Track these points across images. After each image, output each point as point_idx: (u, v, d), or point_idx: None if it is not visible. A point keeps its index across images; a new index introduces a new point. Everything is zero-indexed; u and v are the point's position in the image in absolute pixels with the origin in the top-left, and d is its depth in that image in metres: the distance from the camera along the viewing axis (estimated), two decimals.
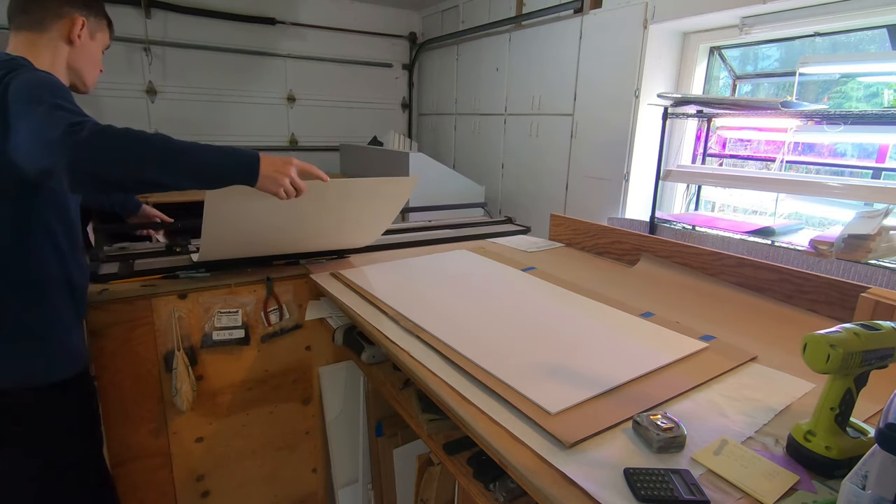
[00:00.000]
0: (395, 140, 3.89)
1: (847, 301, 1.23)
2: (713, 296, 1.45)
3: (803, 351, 0.71)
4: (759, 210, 2.38)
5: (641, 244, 1.74)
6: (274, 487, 1.70)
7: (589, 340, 1.12)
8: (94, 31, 1.13)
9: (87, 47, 1.13)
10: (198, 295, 1.40)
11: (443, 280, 1.52)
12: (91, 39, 1.13)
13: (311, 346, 1.63)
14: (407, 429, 1.50)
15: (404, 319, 1.21)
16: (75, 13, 1.08)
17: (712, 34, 2.45)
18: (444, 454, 1.11)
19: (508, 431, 0.80)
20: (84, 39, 1.11)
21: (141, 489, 1.47)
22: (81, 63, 1.13)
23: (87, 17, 1.11)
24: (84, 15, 1.10)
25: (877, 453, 0.55)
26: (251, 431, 1.61)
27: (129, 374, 1.37)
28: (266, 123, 3.95)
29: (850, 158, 2.20)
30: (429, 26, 4.41)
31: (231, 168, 1.05)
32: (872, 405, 0.86)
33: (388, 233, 2.10)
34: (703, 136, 2.57)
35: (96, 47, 1.15)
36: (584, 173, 2.87)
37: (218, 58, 3.66)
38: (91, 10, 1.12)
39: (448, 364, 1.01)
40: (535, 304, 1.34)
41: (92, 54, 1.14)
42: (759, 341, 1.15)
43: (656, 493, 0.66)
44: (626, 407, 0.85)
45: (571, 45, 2.84)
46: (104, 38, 1.18)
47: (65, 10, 1.07)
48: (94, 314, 1.29)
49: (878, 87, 2.14)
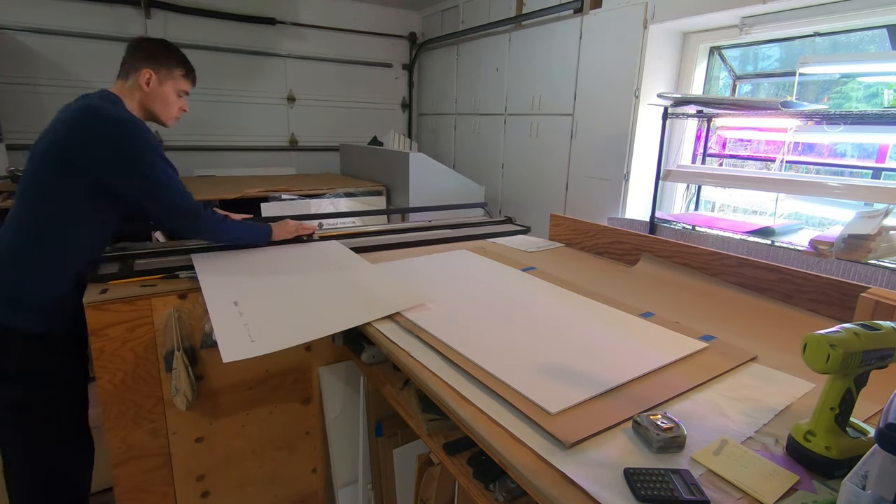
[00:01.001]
0: (395, 140, 3.89)
1: (847, 301, 1.23)
2: (713, 296, 1.45)
3: (803, 351, 0.71)
4: (759, 210, 2.38)
5: (641, 244, 1.74)
6: (274, 487, 1.70)
7: (589, 340, 1.12)
8: (163, 80, 1.48)
9: (157, 92, 1.47)
10: (198, 295, 1.40)
11: (443, 280, 1.52)
12: (160, 86, 1.47)
13: (311, 346, 1.63)
14: (407, 429, 1.50)
15: (404, 319, 1.21)
16: (145, 67, 1.44)
17: (712, 34, 2.45)
18: (444, 454, 1.11)
19: (508, 431, 0.80)
20: (153, 86, 1.46)
21: (141, 489, 1.47)
22: (153, 104, 1.48)
23: (156, 70, 1.46)
24: (153, 68, 1.45)
25: (877, 453, 0.55)
26: (251, 431, 1.61)
27: (129, 374, 1.37)
28: (266, 123, 3.95)
29: (850, 158, 2.20)
30: (429, 26, 4.41)
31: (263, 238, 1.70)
32: (872, 405, 0.86)
33: (389, 233, 2.10)
34: (703, 136, 2.57)
35: (167, 91, 1.49)
36: (584, 173, 2.87)
37: (218, 58, 3.66)
38: (159, 64, 1.46)
39: (448, 364, 1.01)
40: (535, 304, 1.34)
41: (162, 97, 1.48)
42: (759, 341, 1.15)
43: (656, 493, 0.66)
44: (626, 407, 0.85)
45: (571, 45, 2.84)
46: (176, 84, 1.51)
47: (140, 66, 1.44)
48: (94, 314, 1.29)
49: (878, 87, 2.14)
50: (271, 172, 3.87)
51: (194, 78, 1.58)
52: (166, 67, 1.48)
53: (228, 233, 1.57)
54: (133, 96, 1.45)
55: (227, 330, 1.14)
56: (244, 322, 1.18)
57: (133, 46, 1.47)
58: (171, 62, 1.49)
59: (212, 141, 3.72)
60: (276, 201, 2.81)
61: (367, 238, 1.98)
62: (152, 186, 1.37)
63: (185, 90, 1.54)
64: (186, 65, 1.54)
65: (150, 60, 1.45)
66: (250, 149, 3.92)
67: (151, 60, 1.45)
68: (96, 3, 3.22)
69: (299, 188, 2.92)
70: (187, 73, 1.54)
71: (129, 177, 1.35)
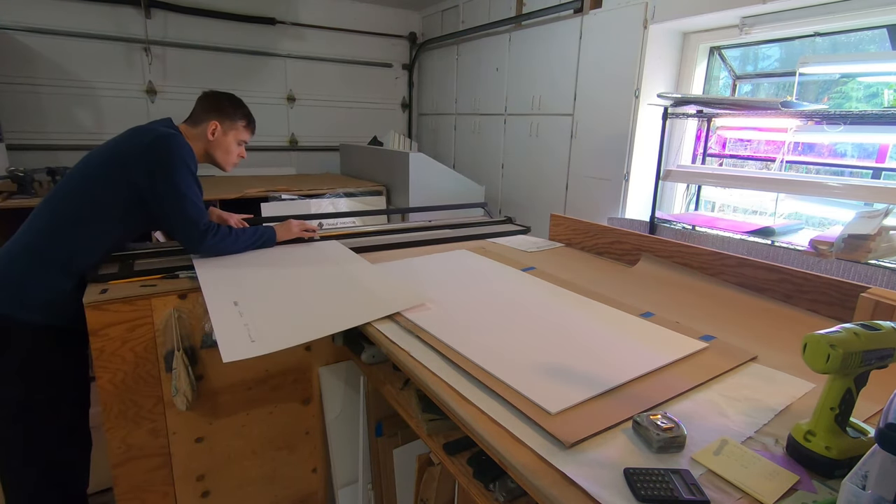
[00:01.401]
0: (395, 140, 3.89)
1: (847, 301, 1.23)
2: (713, 296, 1.45)
3: (803, 351, 0.71)
4: (759, 210, 2.38)
5: (641, 244, 1.74)
6: (274, 487, 1.70)
7: (589, 340, 1.12)
8: (227, 130, 1.62)
9: (220, 141, 1.62)
10: (198, 295, 1.40)
11: (443, 280, 1.52)
12: (224, 136, 1.62)
13: (311, 346, 1.63)
14: (407, 429, 1.50)
15: (404, 319, 1.21)
16: (213, 118, 1.59)
17: (712, 34, 2.45)
18: (444, 454, 1.11)
19: (508, 431, 0.80)
20: (218, 136, 1.60)
21: (141, 489, 1.47)
22: (215, 152, 1.63)
23: (222, 121, 1.60)
24: (219, 120, 1.60)
25: (877, 453, 0.55)
26: (251, 431, 1.61)
27: (129, 374, 1.37)
28: (266, 123, 3.94)
29: (850, 158, 2.20)
30: (429, 26, 4.41)
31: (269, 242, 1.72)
32: (872, 405, 0.86)
33: (389, 233, 2.10)
34: (703, 136, 2.57)
35: (229, 141, 1.63)
36: (584, 173, 2.87)
37: (218, 58, 3.66)
38: (225, 116, 1.61)
39: (448, 364, 1.01)
40: (535, 304, 1.34)
41: (224, 146, 1.63)
42: (759, 341, 1.15)
43: (656, 493, 0.66)
44: (626, 407, 0.85)
45: (571, 45, 2.84)
46: (237, 135, 1.65)
47: (209, 117, 1.59)
48: (94, 314, 1.29)
49: (878, 87, 2.14)
50: (271, 172, 3.87)
51: (254, 129, 1.72)
52: (231, 119, 1.62)
53: (237, 245, 1.61)
54: (197, 140, 1.58)
55: (227, 330, 1.14)
56: (244, 322, 1.18)
57: (202, 98, 1.62)
58: (235, 114, 1.63)
59: None
60: (276, 201, 2.81)
61: (367, 238, 1.98)
62: (178, 199, 1.44)
63: (245, 140, 1.69)
64: (249, 117, 1.68)
65: (218, 112, 1.60)
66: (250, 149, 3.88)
67: (219, 113, 1.60)
68: (96, 3, 3.22)
69: (299, 188, 2.92)
70: (248, 124, 1.68)
71: (161, 183, 1.42)
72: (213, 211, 1.79)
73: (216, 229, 1.53)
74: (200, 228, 1.49)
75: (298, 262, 1.62)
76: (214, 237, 1.52)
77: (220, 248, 1.56)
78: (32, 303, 1.33)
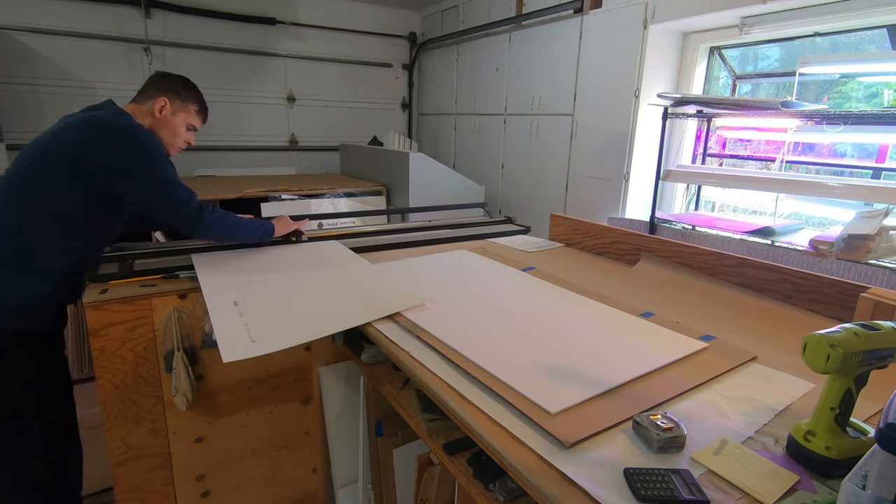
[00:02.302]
0: (395, 140, 3.89)
1: (847, 301, 1.23)
2: (713, 296, 1.45)
3: (803, 351, 0.71)
4: (759, 210, 2.37)
5: (641, 244, 1.74)
6: (274, 487, 1.70)
7: (589, 340, 1.12)
8: (176, 110, 1.53)
9: (168, 120, 1.52)
10: (198, 295, 1.40)
11: (443, 280, 1.52)
12: (172, 116, 1.52)
13: (311, 346, 1.63)
14: (407, 429, 1.50)
15: (404, 319, 1.21)
16: (163, 95, 1.50)
17: (712, 34, 2.45)
18: (444, 454, 1.11)
19: (508, 431, 0.80)
20: (166, 114, 1.51)
21: (141, 489, 1.47)
22: (161, 132, 1.52)
23: (172, 100, 1.51)
24: (169, 98, 1.51)
25: (877, 453, 0.55)
26: (251, 431, 1.61)
27: (129, 375, 1.37)
28: (266, 123, 3.95)
29: (850, 158, 2.20)
30: (429, 26, 4.41)
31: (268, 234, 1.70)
32: (872, 405, 0.86)
33: (389, 233, 2.10)
34: (703, 136, 2.57)
35: (178, 122, 1.54)
36: (584, 173, 2.87)
37: (218, 58, 3.66)
38: (176, 96, 1.53)
39: (448, 364, 1.01)
40: (535, 304, 1.34)
41: (172, 126, 1.53)
42: (759, 341, 1.15)
43: (656, 493, 0.66)
44: (626, 407, 0.85)
45: (571, 45, 2.84)
46: (188, 118, 1.56)
47: (158, 94, 1.50)
48: (94, 314, 1.29)
49: (878, 87, 2.14)
50: (271, 172, 3.88)
51: (206, 116, 1.64)
52: (182, 100, 1.54)
53: (238, 230, 1.58)
54: (143, 119, 1.49)
55: (227, 330, 1.14)
56: (244, 322, 1.18)
57: (154, 77, 1.55)
58: (187, 96, 1.55)
59: (212, 141, 3.71)
60: (276, 201, 2.81)
61: (367, 238, 1.98)
62: (162, 186, 1.40)
63: (195, 125, 1.60)
64: (202, 103, 1.60)
65: (168, 91, 1.52)
66: (250, 149, 3.92)
67: (170, 91, 1.52)
68: (96, 3, 3.22)
69: (299, 188, 2.92)
70: (200, 110, 1.60)
71: (140, 179, 1.37)
72: None
73: (212, 206, 1.49)
74: (195, 206, 1.43)
75: (298, 262, 1.62)
76: (213, 214, 1.48)
77: (222, 226, 1.52)
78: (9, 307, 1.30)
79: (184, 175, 3.63)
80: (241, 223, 1.60)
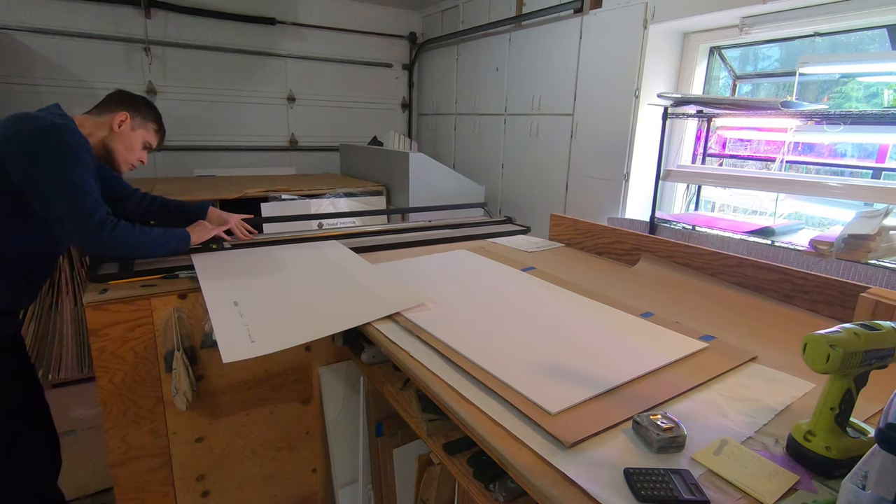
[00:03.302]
0: (395, 140, 3.89)
1: (847, 301, 1.23)
2: (713, 296, 1.45)
3: (803, 351, 0.71)
4: (759, 210, 2.37)
5: (641, 244, 1.74)
6: (274, 487, 1.70)
7: (589, 340, 1.12)
8: (136, 126, 1.51)
9: (126, 135, 1.50)
10: (198, 295, 1.40)
11: (443, 280, 1.52)
12: (131, 131, 1.50)
13: (311, 346, 1.63)
14: (407, 429, 1.50)
15: (404, 319, 1.21)
16: (124, 110, 1.49)
17: (712, 34, 2.45)
18: (444, 454, 1.11)
19: (508, 431, 0.80)
20: (125, 129, 1.49)
21: (141, 489, 1.47)
22: (116, 145, 1.49)
23: (133, 116, 1.50)
24: (131, 114, 1.49)
25: (877, 453, 0.55)
26: (251, 431, 1.61)
27: (129, 374, 1.37)
28: (266, 123, 3.95)
29: (850, 158, 2.20)
30: (429, 26, 4.40)
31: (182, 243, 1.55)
32: (872, 405, 0.86)
33: (389, 233, 2.10)
34: (703, 136, 2.57)
35: (135, 138, 1.52)
36: (584, 173, 2.87)
37: (218, 58, 3.66)
38: (138, 113, 1.51)
39: (448, 364, 1.01)
40: (535, 304, 1.34)
41: (128, 141, 1.51)
42: (759, 341, 1.15)
43: (656, 493, 0.66)
44: (626, 407, 0.85)
45: (571, 45, 2.84)
46: (145, 135, 1.55)
47: (119, 108, 1.49)
48: (94, 314, 1.29)
49: (878, 87, 2.14)
50: (271, 172, 3.87)
51: (163, 138, 1.62)
52: (143, 117, 1.53)
53: (144, 244, 1.43)
54: (98, 131, 1.46)
55: (227, 330, 1.14)
56: (244, 322, 1.19)
57: (116, 92, 1.53)
58: (148, 114, 1.55)
59: (212, 141, 3.71)
60: (276, 201, 2.81)
61: (367, 238, 1.98)
62: (67, 191, 1.28)
63: (151, 144, 1.58)
64: (161, 123, 1.60)
65: (130, 107, 1.50)
66: (250, 149, 3.92)
67: (132, 108, 1.51)
68: (96, 3, 3.22)
69: (299, 188, 2.92)
70: (159, 130, 1.59)
71: (45, 178, 1.27)
72: (213, 211, 1.75)
73: (114, 223, 1.33)
74: (97, 220, 1.30)
75: (298, 263, 1.62)
76: (113, 232, 1.32)
77: (124, 244, 1.35)
78: None
79: (184, 175, 3.67)
80: (148, 237, 1.44)
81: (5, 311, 1.40)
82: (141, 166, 1.61)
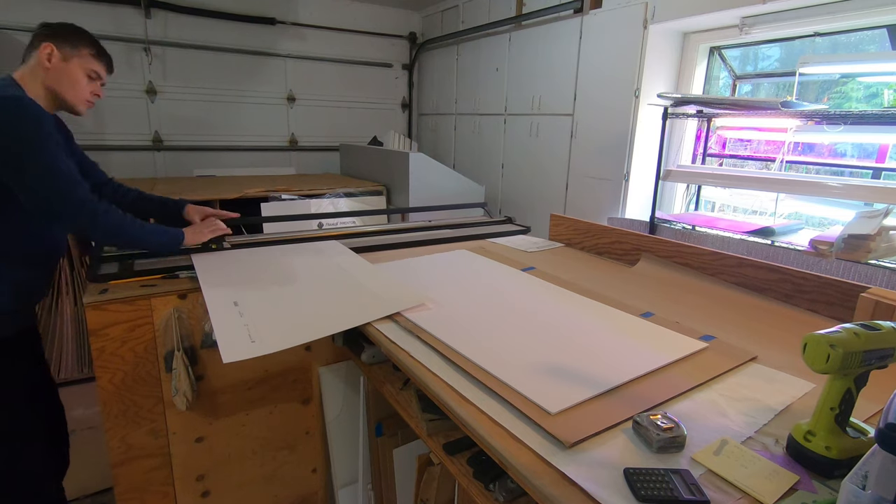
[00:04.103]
0: (395, 140, 3.89)
1: (847, 301, 1.23)
2: (713, 296, 1.45)
3: (803, 351, 0.71)
4: (759, 210, 2.37)
5: (641, 244, 1.74)
6: (274, 487, 1.70)
7: (589, 340, 1.12)
8: (67, 56, 1.35)
9: (62, 70, 1.34)
10: (198, 295, 1.40)
11: (443, 280, 1.52)
12: (65, 63, 1.35)
13: (311, 346, 1.63)
14: (407, 429, 1.50)
15: (404, 319, 1.21)
16: (46, 41, 1.33)
17: (712, 34, 2.45)
18: (444, 454, 1.11)
19: (508, 431, 0.80)
20: (55, 63, 1.34)
21: (141, 489, 1.47)
22: (58, 84, 1.35)
23: (59, 45, 1.34)
24: (54, 43, 1.33)
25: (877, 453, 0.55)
26: (251, 431, 1.61)
27: (129, 374, 1.37)
28: (266, 123, 3.95)
29: (850, 158, 2.20)
30: (429, 26, 4.40)
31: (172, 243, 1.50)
32: (872, 405, 0.86)
33: (389, 233, 2.10)
34: (703, 136, 2.57)
35: (73, 70, 1.36)
36: (584, 173, 2.87)
37: (218, 58, 3.66)
38: (63, 40, 1.35)
39: (448, 364, 1.01)
40: (534, 304, 1.34)
41: (69, 76, 1.35)
42: (759, 341, 1.15)
43: (656, 493, 0.66)
44: (626, 407, 0.85)
45: (571, 45, 2.84)
46: (84, 63, 1.38)
47: (38, 42, 1.33)
48: (94, 314, 1.29)
49: (878, 87, 2.14)
50: (271, 172, 3.87)
51: (109, 62, 1.45)
52: (70, 44, 1.36)
53: (132, 232, 1.36)
54: (35, 77, 1.33)
55: (227, 330, 1.14)
56: (244, 322, 1.18)
57: (36, 28, 1.37)
58: (77, 40, 1.38)
59: (211, 141, 3.71)
60: (276, 201, 2.81)
61: (367, 238, 1.98)
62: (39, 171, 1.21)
63: (97, 72, 1.41)
64: (96, 45, 1.41)
65: (52, 37, 1.34)
66: (250, 149, 3.92)
67: (53, 37, 1.35)
68: (96, 3, 3.22)
69: (299, 188, 2.92)
70: (98, 54, 1.41)
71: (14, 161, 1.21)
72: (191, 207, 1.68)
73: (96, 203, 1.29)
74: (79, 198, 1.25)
75: (299, 263, 1.62)
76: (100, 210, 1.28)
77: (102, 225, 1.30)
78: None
79: (184, 175, 3.67)
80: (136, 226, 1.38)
81: (6, 311, 1.40)
82: (141, 166, 1.59)
